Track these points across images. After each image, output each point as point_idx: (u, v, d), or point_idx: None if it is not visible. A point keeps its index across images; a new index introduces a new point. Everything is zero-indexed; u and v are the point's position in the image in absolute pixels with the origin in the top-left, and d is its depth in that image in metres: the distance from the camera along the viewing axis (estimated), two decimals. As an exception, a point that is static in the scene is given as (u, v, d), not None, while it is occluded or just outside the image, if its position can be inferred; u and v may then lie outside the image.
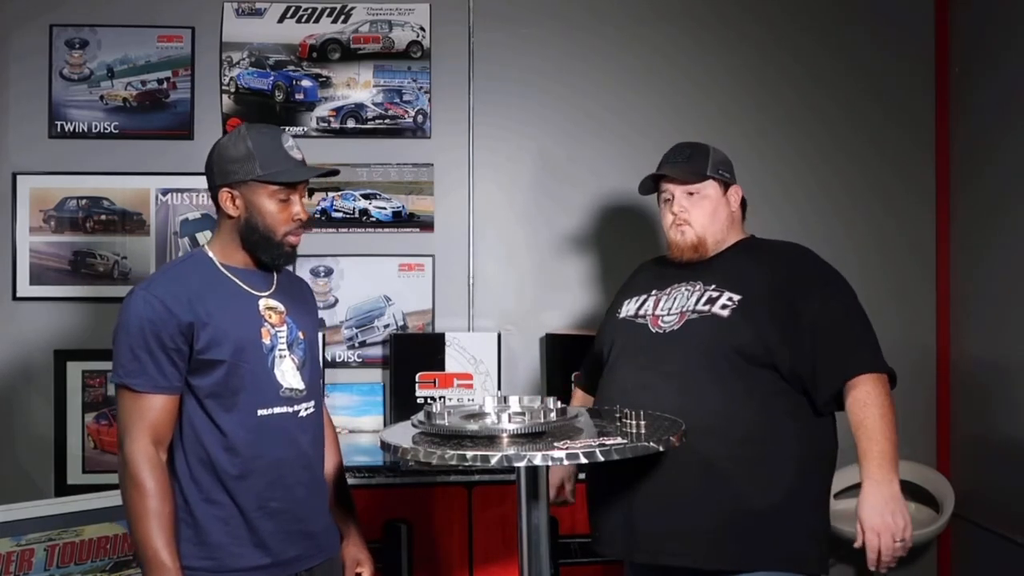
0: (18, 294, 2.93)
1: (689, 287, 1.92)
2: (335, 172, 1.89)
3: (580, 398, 2.24)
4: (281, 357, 1.74)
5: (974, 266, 2.97)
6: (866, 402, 1.75)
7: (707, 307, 1.86)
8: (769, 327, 1.80)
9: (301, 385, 1.77)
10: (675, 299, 1.92)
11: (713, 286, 1.89)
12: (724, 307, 1.84)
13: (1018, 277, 2.70)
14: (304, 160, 1.77)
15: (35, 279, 2.93)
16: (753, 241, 2.02)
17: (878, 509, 1.71)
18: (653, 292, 1.99)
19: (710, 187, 1.96)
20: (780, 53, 3.13)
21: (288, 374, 1.75)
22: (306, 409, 1.78)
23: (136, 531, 1.60)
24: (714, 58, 3.12)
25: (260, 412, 1.70)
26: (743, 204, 2.04)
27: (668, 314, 1.91)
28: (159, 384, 1.63)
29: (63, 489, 2.85)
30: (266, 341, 1.73)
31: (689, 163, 1.97)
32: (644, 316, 1.95)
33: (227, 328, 1.68)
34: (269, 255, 1.76)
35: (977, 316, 2.95)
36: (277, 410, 1.72)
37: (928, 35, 3.14)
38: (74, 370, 2.91)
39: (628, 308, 2.01)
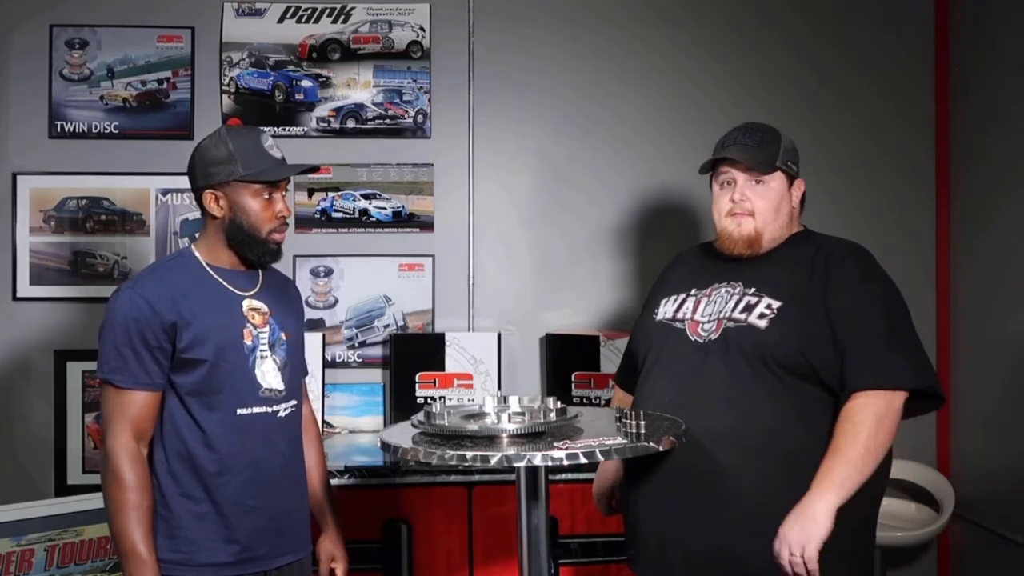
0: (18, 294, 2.93)
1: (729, 289, 1.79)
2: (315, 168, 1.91)
3: (621, 396, 2.09)
4: (262, 358, 1.77)
5: (974, 266, 2.97)
6: (850, 419, 1.63)
7: (744, 315, 1.73)
8: (808, 337, 1.68)
9: (281, 386, 1.80)
10: (715, 303, 1.79)
11: (753, 289, 1.76)
12: (762, 316, 1.71)
13: (1018, 278, 2.70)
14: (284, 158, 1.80)
15: (35, 279, 2.93)
16: (804, 235, 1.87)
17: (794, 520, 1.60)
18: (693, 292, 1.85)
19: (777, 179, 1.81)
20: (781, 51, 3.13)
21: (269, 375, 1.78)
22: (285, 409, 1.81)
23: (114, 523, 1.65)
24: (714, 56, 3.12)
25: (239, 411, 1.73)
26: (802, 199, 1.91)
27: (708, 321, 1.78)
28: (141, 381, 1.67)
29: (63, 489, 2.85)
30: (248, 342, 1.76)
31: (760, 149, 1.80)
32: (683, 320, 1.82)
33: (209, 328, 1.71)
34: (255, 253, 1.78)
35: (975, 323, 2.95)
36: (256, 409, 1.75)
37: (928, 22, 3.14)
38: (74, 370, 2.91)
39: (665, 309, 1.87)
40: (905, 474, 3.03)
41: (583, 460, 1.44)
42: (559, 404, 1.63)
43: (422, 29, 3.06)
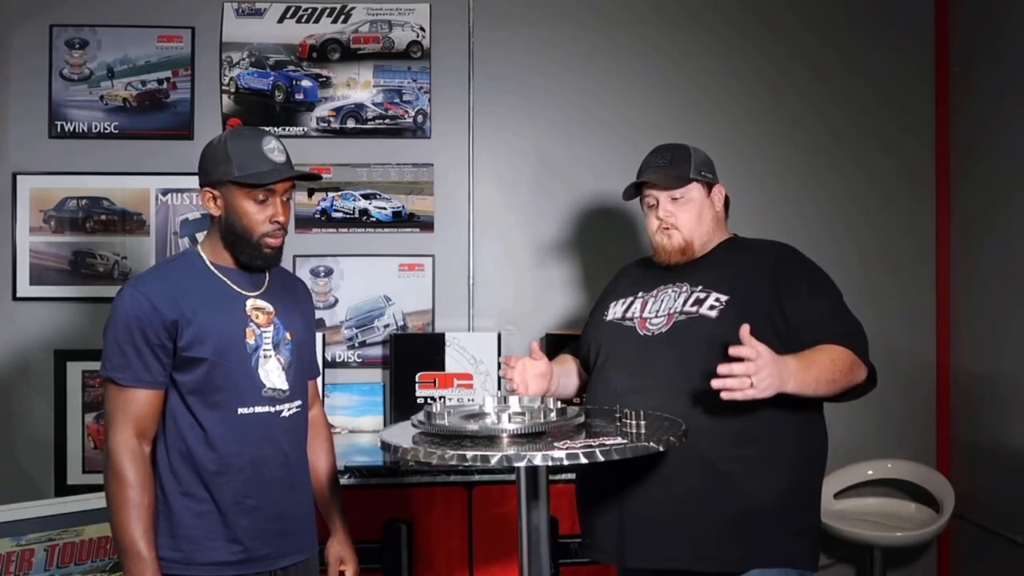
0: (18, 294, 2.93)
1: (676, 288, 1.91)
2: (316, 177, 1.88)
3: (562, 357, 2.14)
4: (266, 357, 1.77)
5: (974, 266, 2.97)
6: (827, 351, 1.70)
7: (695, 308, 1.84)
8: (756, 327, 1.74)
9: (285, 385, 1.79)
10: (662, 301, 1.91)
11: (700, 287, 1.87)
12: (712, 308, 1.82)
13: (1018, 277, 2.70)
14: (289, 162, 1.77)
15: (35, 279, 2.93)
16: (737, 240, 2.00)
17: (776, 364, 1.60)
18: (639, 294, 1.97)
19: (694, 190, 1.93)
20: (781, 51, 3.13)
21: (272, 374, 1.77)
22: (289, 409, 1.80)
23: (115, 520, 1.66)
24: (714, 57, 3.12)
25: (240, 410, 1.73)
26: (726, 203, 2.01)
27: (656, 316, 1.89)
28: (143, 379, 1.68)
29: (63, 489, 2.85)
30: (250, 341, 1.75)
31: (672, 167, 1.93)
32: (631, 319, 1.93)
33: (210, 327, 1.71)
34: (247, 256, 1.77)
35: (975, 323, 2.95)
36: (258, 409, 1.75)
37: (928, 22, 3.15)
38: (74, 370, 2.91)
39: (615, 310, 1.98)
40: (905, 474, 3.03)
41: (583, 460, 1.44)
42: (559, 404, 1.63)
43: (422, 29, 3.06)
